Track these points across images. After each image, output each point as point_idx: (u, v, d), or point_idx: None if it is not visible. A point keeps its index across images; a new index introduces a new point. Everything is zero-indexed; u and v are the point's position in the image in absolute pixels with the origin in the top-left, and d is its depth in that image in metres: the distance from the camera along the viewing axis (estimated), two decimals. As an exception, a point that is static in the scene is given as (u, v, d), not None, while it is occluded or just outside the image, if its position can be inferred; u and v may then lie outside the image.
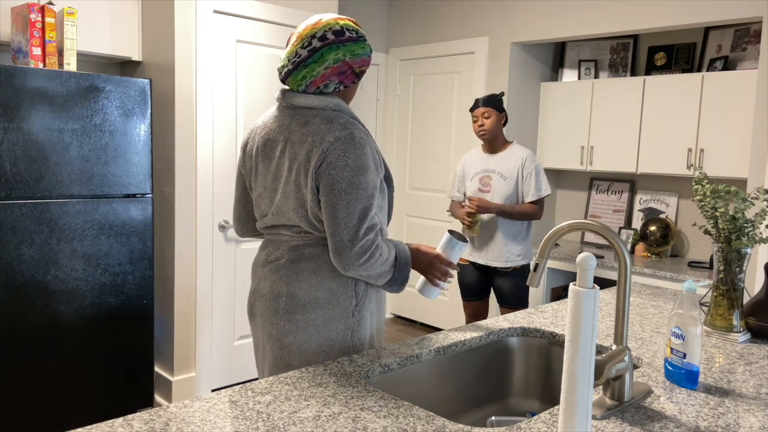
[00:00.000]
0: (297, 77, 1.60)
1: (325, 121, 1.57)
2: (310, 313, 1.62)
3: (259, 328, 1.72)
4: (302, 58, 1.58)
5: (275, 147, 1.63)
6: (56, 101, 2.70)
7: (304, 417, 1.17)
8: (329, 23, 1.59)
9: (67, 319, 2.81)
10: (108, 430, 1.09)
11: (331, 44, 1.58)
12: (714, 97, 3.52)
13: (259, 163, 1.67)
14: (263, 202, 1.69)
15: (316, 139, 1.54)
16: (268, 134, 1.65)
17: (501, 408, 1.78)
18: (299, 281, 1.62)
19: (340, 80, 1.62)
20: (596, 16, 3.86)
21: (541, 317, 1.92)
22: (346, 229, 1.52)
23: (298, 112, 1.62)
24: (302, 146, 1.56)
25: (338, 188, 1.52)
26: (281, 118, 1.64)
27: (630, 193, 4.22)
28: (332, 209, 1.53)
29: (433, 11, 4.76)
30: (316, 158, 1.53)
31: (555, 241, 1.31)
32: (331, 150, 1.52)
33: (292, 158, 1.58)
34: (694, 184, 1.77)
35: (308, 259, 1.63)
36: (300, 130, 1.58)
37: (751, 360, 1.59)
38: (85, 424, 2.94)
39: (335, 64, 1.59)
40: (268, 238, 1.73)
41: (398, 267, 1.63)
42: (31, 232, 2.67)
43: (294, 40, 1.61)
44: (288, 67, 1.60)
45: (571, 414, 1.04)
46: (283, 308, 1.63)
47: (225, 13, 3.38)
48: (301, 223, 1.61)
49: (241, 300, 3.60)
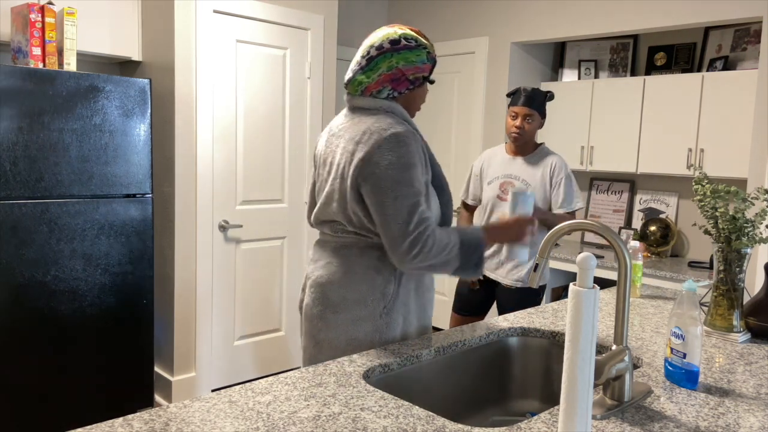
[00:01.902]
0: (354, 83, 1.70)
1: (373, 120, 1.65)
2: (339, 314, 1.68)
3: (302, 320, 1.83)
4: (360, 66, 1.69)
5: (333, 145, 1.75)
6: (56, 101, 2.70)
7: (304, 417, 1.17)
8: (388, 33, 1.68)
9: (67, 319, 2.81)
10: (108, 430, 1.09)
11: (385, 52, 1.66)
12: (714, 97, 3.52)
13: (320, 159, 1.80)
14: (318, 195, 1.82)
15: (363, 138, 1.62)
16: (332, 132, 1.78)
17: (501, 408, 1.78)
18: (331, 281, 1.70)
19: (393, 87, 1.69)
20: (596, 16, 3.86)
21: (541, 317, 1.92)
22: (396, 226, 1.56)
23: (355, 112, 1.73)
24: (350, 143, 1.65)
25: (384, 186, 1.57)
26: (343, 118, 1.77)
27: (630, 193, 4.22)
28: (381, 207, 1.58)
29: (433, 11, 4.76)
30: (360, 155, 1.60)
31: (555, 241, 1.31)
32: (375, 149, 1.58)
33: (342, 154, 1.67)
34: (694, 184, 1.77)
35: (341, 260, 1.71)
36: (352, 128, 1.68)
37: (751, 360, 1.59)
38: (85, 424, 2.94)
39: (388, 71, 1.67)
40: (318, 236, 1.86)
41: (465, 252, 1.64)
42: (31, 232, 2.67)
43: (360, 50, 1.74)
44: (349, 75, 1.73)
45: (571, 414, 1.04)
46: (318, 306, 1.72)
47: (225, 13, 3.38)
48: (341, 218, 1.70)
49: (241, 300, 3.60)
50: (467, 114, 4.59)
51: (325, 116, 3.88)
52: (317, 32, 3.78)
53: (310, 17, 3.73)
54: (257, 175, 3.60)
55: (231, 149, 3.48)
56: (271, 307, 3.76)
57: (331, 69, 3.89)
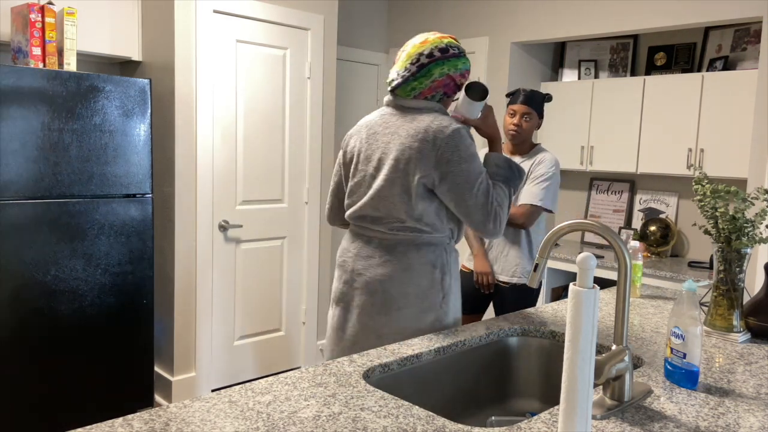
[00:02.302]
0: (406, 89, 1.82)
1: (430, 118, 1.77)
2: (404, 309, 1.81)
3: (350, 314, 1.88)
4: (411, 73, 1.80)
5: (379, 141, 1.82)
6: (56, 101, 2.70)
7: (304, 417, 1.17)
8: (435, 42, 1.81)
9: (67, 319, 2.81)
10: (108, 430, 1.09)
11: (437, 60, 1.79)
12: (714, 97, 3.52)
13: (361, 155, 1.86)
14: (359, 191, 1.87)
15: (427, 135, 1.74)
16: (373, 130, 1.86)
17: (501, 408, 1.78)
18: (392, 279, 1.81)
19: (444, 91, 1.84)
20: (596, 16, 3.86)
21: (541, 317, 1.92)
22: (479, 213, 1.75)
23: (408, 111, 1.83)
24: (410, 139, 1.75)
25: (461, 182, 1.73)
26: (389, 117, 1.85)
27: (630, 193, 4.22)
28: (462, 200, 1.74)
29: (433, 11, 4.76)
30: (431, 153, 1.73)
31: (555, 241, 1.31)
32: (444, 146, 1.72)
33: (401, 150, 1.76)
34: (694, 184, 1.77)
35: (399, 258, 1.81)
36: (408, 125, 1.78)
37: (751, 360, 1.59)
38: (85, 424, 2.94)
39: (441, 77, 1.81)
40: (357, 231, 1.90)
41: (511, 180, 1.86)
42: (31, 232, 2.67)
43: (403, 56, 1.84)
44: (397, 81, 1.83)
45: (571, 414, 1.04)
46: (380, 304, 1.81)
47: (225, 13, 3.38)
48: (401, 214, 1.78)
49: (241, 300, 3.61)
50: (467, 114, 4.59)
51: (325, 116, 3.88)
52: (317, 32, 3.78)
53: (310, 17, 3.73)
54: (257, 175, 3.60)
55: (231, 149, 3.48)
56: (271, 307, 3.76)
57: (331, 69, 3.89)
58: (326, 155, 3.92)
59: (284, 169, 3.73)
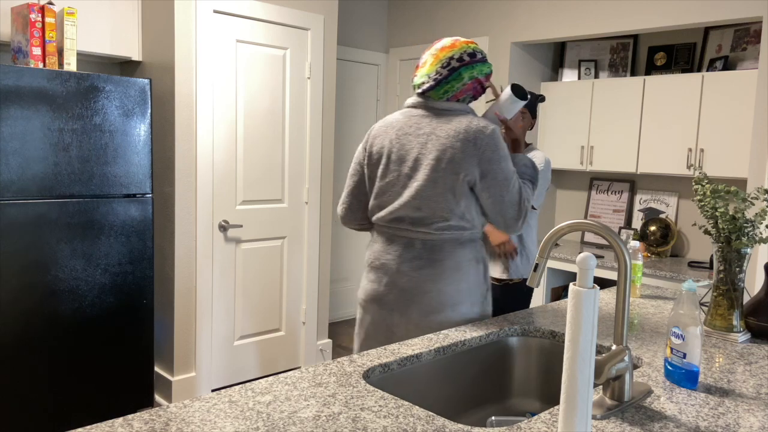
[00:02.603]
0: (439, 91, 1.88)
1: (467, 119, 1.84)
2: (458, 306, 1.87)
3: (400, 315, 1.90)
4: (443, 77, 1.87)
5: (413, 142, 1.86)
6: (56, 101, 2.70)
7: (304, 417, 1.17)
8: (464, 46, 1.89)
9: (67, 319, 2.81)
10: (108, 430, 1.09)
11: (467, 64, 1.87)
12: (714, 97, 3.52)
13: (392, 155, 1.88)
14: (391, 191, 1.89)
15: (467, 135, 1.81)
16: (404, 131, 1.89)
17: (501, 408, 1.78)
18: (444, 278, 1.85)
19: (473, 94, 1.92)
20: (596, 16, 3.86)
21: (541, 317, 1.92)
22: (512, 208, 1.84)
23: (442, 113, 1.88)
24: (453, 139, 1.81)
25: (500, 178, 1.81)
26: (419, 119, 1.89)
27: (630, 193, 4.22)
28: (499, 196, 1.82)
29: (433, 11, 4.76)
30: (473, 153, 1.80)
31: (555, 241, 1.31)
32: (485, 146, 1.80)
33: (441, 151, 1.81)
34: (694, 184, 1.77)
35: (448, 257, 1.86)
36: (446, 126, 1.84)
37: (751, 360, 1.59)
38: (85, 424, 2.94)
39: (470, 81, 1.88)
40: (393, 233, 1.92)
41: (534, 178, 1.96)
42: (31, 232, 2.67)
43: (431, 60, 1.89)
44: (429, 84, 1.88)
45: (571, 414, 1.04)
46: (435, 303, 1.85)
47: (225, 13, 3.38)
48: (445, 212, 1.83)
49: (241, 300, 3.61)
50: (467, 114, 4.59)
51: (325, 116, 3.88)
52: (317, 32, 3.78)
53: (310, 17, 3.73)
54: (257, 175, 3.60)
55: (231, 149, 3.48)
56: (271, 307, 3.76)
57: (331, 69, 3.89)
58: (326, 155, 3.92)
59: (284, 169, 3.73)
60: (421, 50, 4.84)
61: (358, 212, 2.04)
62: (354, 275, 5.15)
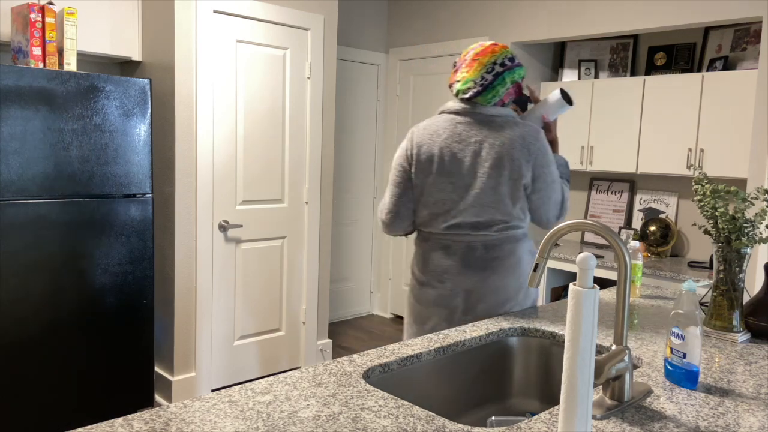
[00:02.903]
0: (487, 97, 1.92)
1: (518, 126, 1.91)
2: (520, 298, 1.98)
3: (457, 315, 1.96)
4: (489, 82, 1.91)
5: (466, 150, 1.89)
6: (56, 101, 2.70)
7: (304, 417, 1.17)
8: (504, 51, 1.95)
9: (67, 319, 2.81)
10: (108, 430, 1.09)
11: (509, 69, 1.94)
12: (714, 97, 3.52)
13: (444, 162, 1.91)
14: (447, 201, 1.92)
15: (523, 142, 1.88)
16: (455, 138, 1.91)
17: (501, 408, 1.78)
18: (507, 275, 1.95)
19: (514, 97, 2.00)
20: (596, 16, 3.86)
21: (541, 317, 1.92)
22: (556, 207, 1.96)
23: (492, 119, 1.92)
24: (509, 146, 1.87)
25: (549, 180, 1.92)
26: (468, 125, 1.92)
27: (630, 193, 4.22)
28: (547, 196, 1.93)
29: (433, 11, 4.76)
30: (526, 156, 1.87)
31: (555, 241, 1.31)
32: (537, 151, 1.89)
33: (497, 158, 1.87)
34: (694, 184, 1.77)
35: (508, 255, 1.94)
36: (497, 133, 1.89)
37: (751, 360, 1.59)
38: (85, 424, 2.94)
39: (511, 85, 1.95)
40: (451, 238, 1.95)
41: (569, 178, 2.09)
42: (31, 232, 2.67)
43: (474, 65, 1.93)
44: (476, 89, 1.92)
45: (571, 414, 1.04)
46: (501, 299, 1.95)
47: (225, 13, 3.38)
48: (505, 216, 1.90)
49: (241, 300, 3.61)
50: (467, 114, 4.59)
51: (325, 116, 3.88)
52: (317, 32, 3.78)
53: (310, 17, 3.73)
54: (257, 175, 3.60)
55: (231, 149, 3.48)
56: (271, 307, 3.76)
57: (331, 69, 3.89)
58: (326, 155, 3.92)
59: (284, 169, 3.73)
60: (421, 50, 4.85)
61: (406, 220, 2.03)
62: (354, 275, 5.15)
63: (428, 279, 1.99)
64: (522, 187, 1.90)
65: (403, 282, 5.16)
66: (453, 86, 1.98)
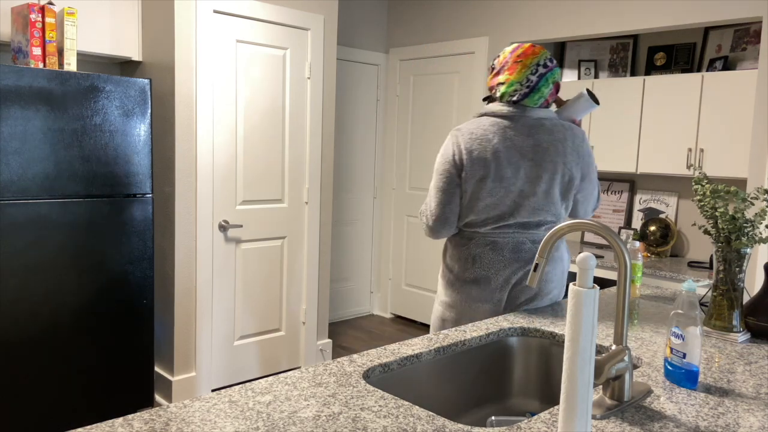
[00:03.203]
0: (534, 98, 1.96)
1: (566, 128, 1.97)
2: (561, 288, 2.08)
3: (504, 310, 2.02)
4: (534, 83, 1.94)
5: (521, 154, 1.91)
6: (56, 101, 2.70)
7: (304, 417, 1.17)
8: (543, 52, 1.98)
9: (67, 319, 2.81)
10: (108, 430, 1.09)
11: (550, 70, 1.97)
12: (714, 97, 3.52)
13: (498, 170, 1.91)
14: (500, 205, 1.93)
15: (573, 144, 1.95)
16: (507, 143, 1.92)
17: (501, 408, 1.78)
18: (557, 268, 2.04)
19: (555, 98, 2.04)
20: (596, 16, 3.86)
21: (541, 317, 1.92)
22: (594, 201, 2.06)
23: (542, 122, 1.95)
24: (560, 151, 1.92)
25: (593, 178, 2.02)
26: (519, 129, 1.93)
27: (630, 193, 4.22)
28: (590, 193, 2.02)
29: (433, 11, 4.76)
30: (576, 158, 1.95)
31: (554, 242, 1.31)
32: (584, 152, 1.97)
33: (551, 162, 1.91)
34: (693, 184, 1.77)
35: (555, 249, 2.03)
36: (549, 137, 1.93)
37: (751, 360, 1.59)
38: (85, 424, 2.94)
39: (553, 85, 1.99)
40: (496, 238, 1.98)
41: None
42: (31, 232, 2.67)
43: (517, 67, 1.94)
44: (523, 91, 1.94)
45: (571, 414, 1.04)
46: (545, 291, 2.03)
47: (225, 13, 3.38)
48: (553, 216, 1.97)
49: (241, 300, 3.61)
50: (467, 114, 4.59)
51: (325, 116, 3.88)
52: (317, 32, 3.78)
53: (310, 17, 3.73)
54: (257, 175, 3.60)
55: (231, 149, 3.48)
56: (271, 307, 3.76)
57: (331, 69, 3.89)
58: (326, 155, 3.92)
59: (284, 169, 3.73)
60: (421, 50, 4.85)
61: (453, 225, 2.01)
62: (354, 275, 5.15)
63: (474, 276, 1.99)
64: (573, 188, 1.97)
65: (403, 282, 5.17)
66: (496, 89, 1.97)
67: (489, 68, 2.05)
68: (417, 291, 5.07)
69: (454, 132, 1.99)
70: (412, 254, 5.09)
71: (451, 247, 2.07)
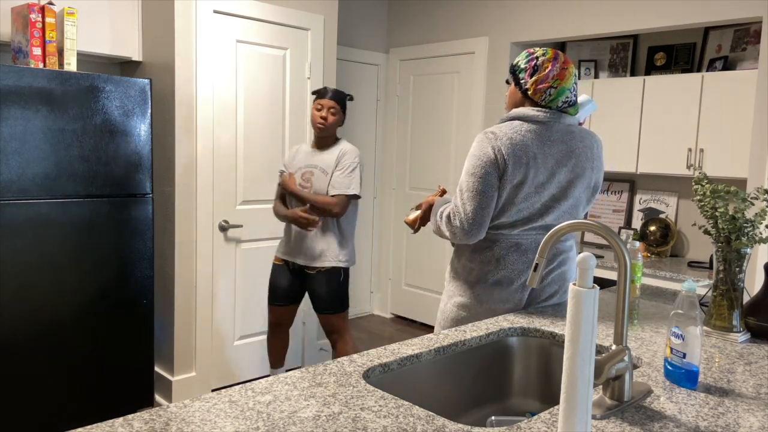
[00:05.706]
0: (576, 107, 2.02)
1: (589, 135, 2.04)
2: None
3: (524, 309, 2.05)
4: (575, 91, 2.00)
5: (559, 162, 1.94)
6: (56, 101, 2.70)
7: (304, 417, 1.17)
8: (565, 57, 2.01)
9: (67, 319, 2.81)
10: (108, 430, 1.09)
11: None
12: (714, 97, 3.52)
13: (537, 177, 1.93)
14: (533, 209, 1.95)
15: (594, 152, 2.03)
16: (545, 153, 1.93)
17: (501, 408, 1.78)
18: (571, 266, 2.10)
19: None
20: (596, 16, 3.86)
21: (541, 317, 1.92)
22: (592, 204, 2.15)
23: (571, 129, 2.00)
24: (588, 158, 1.99)
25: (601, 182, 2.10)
26: (554, 136, 1.95)
27: (630, 193, 4.22)
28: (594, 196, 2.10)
29: (433, 11, 4.76)
30: (599, 165, 2.04)
31: (554, 242, 1.31)
32: (602, 159, 2.07)
33: (582, 168, 1.98)
34: (693, 184, 1.77)
35: (569, 250, 2.09)
36: (579, 143, 1.99)
37: (751, 360, 1.59)
38: (85, 424, 2.94)
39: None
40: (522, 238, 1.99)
41: None
42: (31, 232, 2.67)
43: (566, 75, 1.95)
44: (572, 99, 1.99)
45: (571, 414, 1.04)
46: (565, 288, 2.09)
47: (225, 13, 3.38)
48: (574, 218, 2.02)
49: (241, 300, 3.60)
50: (467, 114, 4.59)
51: (325, 116, 3.88)
52: (317, 32, 3.78)
53: (310, 17, 3.73)
54: (257, 175, 3.60)
55: (231, 149, 3.48)
56: (271, 307, 3.76)
57: (331, 69, 3.89)
58: (326, 155, 3.91)
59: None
60: (421, 50, 4.85)
61: (485, 229, 1.95)
62: (354, 275, 5.15)
63: (498, 278, 1.98)
64: (595, 193, 2.08)
65: (403, 282, 5.17)
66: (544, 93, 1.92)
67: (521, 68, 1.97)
68: (417, 291, 5.07)
69: (489, 136, 1.92)
70: (412, 254, 5.09)
71: (469, 249, 2.03)
